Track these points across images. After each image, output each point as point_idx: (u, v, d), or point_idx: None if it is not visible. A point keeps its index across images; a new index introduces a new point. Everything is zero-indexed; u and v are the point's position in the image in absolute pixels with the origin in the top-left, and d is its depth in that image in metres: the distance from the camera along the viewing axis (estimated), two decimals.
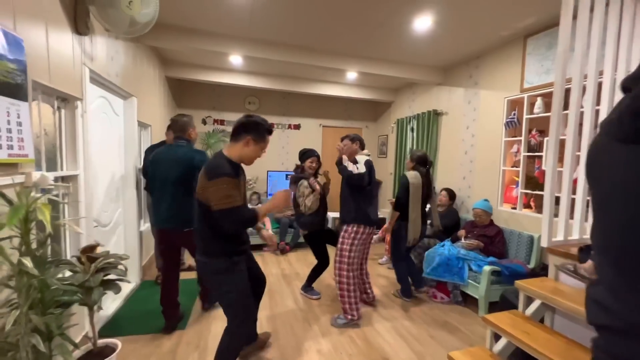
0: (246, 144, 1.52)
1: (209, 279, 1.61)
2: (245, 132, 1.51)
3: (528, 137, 2.94)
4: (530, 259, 2.79)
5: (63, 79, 1.72)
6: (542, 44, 2.78)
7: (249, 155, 1.55)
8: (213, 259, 1.54)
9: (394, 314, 2.69)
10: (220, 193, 1.40)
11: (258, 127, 1.53)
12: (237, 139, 1.52)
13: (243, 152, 1.53)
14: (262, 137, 1.55)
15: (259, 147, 1.56)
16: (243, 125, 1.52)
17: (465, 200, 3.71)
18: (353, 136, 2.61)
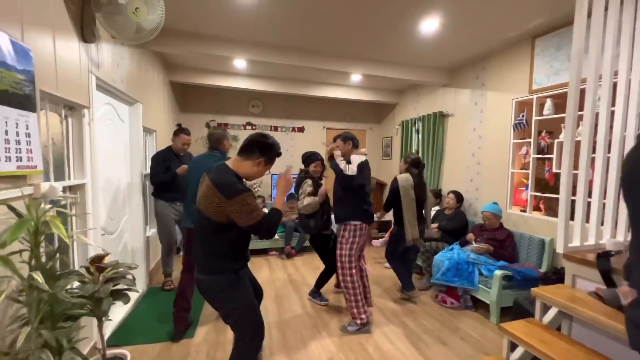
0: (257, 164, 1.50)
1: (213, 297, 1.52)
2: (260, 153, 1.49)
3: (538, 139, 2.90)
4: (541, 263, 2.75)
5: (70, 88, 1.70)
6: (551, 45, 2.75)
7: (256, 175, 1.53)
8: (216, 276, 1.47)
9: (404, 319, 2.65)
10: (247, 210, 1.37)
11: (272, 149, 1.53)
12: (249, 157, 1.49)
13: (252, 170, 1.50)
14: (272, 159, 1.55)
15: (267, 168, 1.55)
16: (259, 145, 1.49)
17: (473, 203, 3.67)
18: (345, 135, 2.58)
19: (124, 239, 2.68)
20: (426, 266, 3.31)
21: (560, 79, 2.67)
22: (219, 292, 1.49)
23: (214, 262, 1.48)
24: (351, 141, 2.58)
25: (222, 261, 1.47)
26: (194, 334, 2.35)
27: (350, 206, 2.47)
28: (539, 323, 1.71)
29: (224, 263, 1.48)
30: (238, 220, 1.38)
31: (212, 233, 1.45)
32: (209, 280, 1.48)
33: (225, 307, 1.53)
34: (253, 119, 5.37)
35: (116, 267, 1.70)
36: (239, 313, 1.52)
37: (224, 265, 1.48)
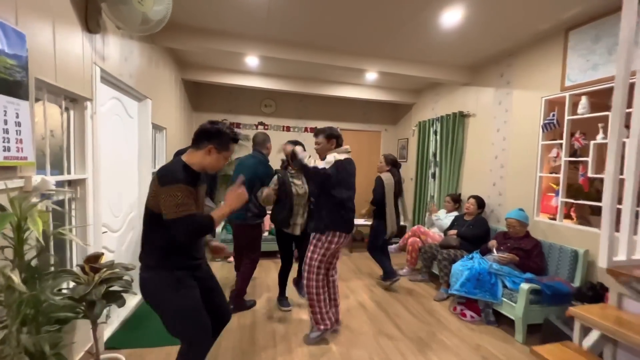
0: (208, 152, 1.39)
1: (149, 297, 1.39)
2: (208, 140, 1.39)
3: (571, 140, 2.65)
4: (574, 277, 2.49)
5: (71, 78, 1.63)
6: (588, 37, 2.50)
7: (212, 165, 1.42)
8: (152, 272, 1.36)
9: (421, 335, 2.45)
10: (173, 201, 1.26)
11: (221, 135, 1.40)
12: (199, 147, 1.40)
13: (205, 160, 1.40)
14: (225, 146, 1.42)
15: (222, 156, 1.43)
16: (205, 133, 1.40)
17: (496, 209, 3.43)
18: (328, 132, 2.24)
19: (129, 237, 2.62)
20: (443, 275, 3.09)
21: (598, 74, 2.42)
22: (152, 291, 1.37)
23: (151, 256, 1.38)
24: (335, 140, 2.24)
25: (159, 255, 1.36)
26: None
27: (328, 214, 2.14)
28: (578, 348, 1.49)
29: (160, 257, 1.36)
30: (163, 210, 1.27)
31: (148, 224, 1.36)
32: (145, 278, 1.37)
33: (159, 308, 1.38)
34: (265, 118, 5.29)
35: (112, 268, 1.61)
36: (176, 318, 1.37)
37: (161, 260, 1.36)
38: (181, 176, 1.31)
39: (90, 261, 1.56)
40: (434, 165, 4.44)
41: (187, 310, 1.37)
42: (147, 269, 1.38)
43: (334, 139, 2.23)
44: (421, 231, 3.72)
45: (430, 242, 3.55)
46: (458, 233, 3.33)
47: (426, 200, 4.62)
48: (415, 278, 3.58)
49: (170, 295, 1.35)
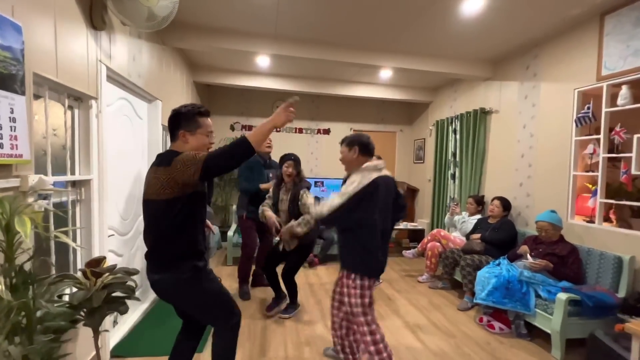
0: (183, 138, 1.34)
1: (174, 295, 1.37)
2: (176, 129, 1.34)
3: (610, 135, 2.40)
4: (618, 287, 2.23)
5: (75, 76, 1.58)
6: (627, 21, 2.27)
7: (195, 149, 1.33)
8: (173, 271, 1.30)
9: (442, 345, 2.26)
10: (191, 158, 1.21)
11: (182, 116, 1.34)
12: (175, 138, 1.36)
13: (186, 147, 1.33)
14: (193, 123, 1.34)
15: (199, 134, 1.35)
16: (170, 122, 1.36)
17: (523, 211, 3.18)
18: (350, 138, 1.80)
19: (138, 240, 2.56)
20: (467, 282, 2.87)
21: None
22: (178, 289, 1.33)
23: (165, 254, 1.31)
24: (357, 147, 1.75)
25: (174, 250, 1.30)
26: (203, 349, 2.13)
27: (353, 252, 1.69)
28: None
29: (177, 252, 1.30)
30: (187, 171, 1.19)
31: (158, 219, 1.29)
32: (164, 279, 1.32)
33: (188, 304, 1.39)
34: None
35: (114, 273, 1.53)
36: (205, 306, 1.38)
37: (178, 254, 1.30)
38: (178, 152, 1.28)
39: (91, 265, 1.48)
40: (454, 166, 4.22)
41: (218, 294, 1.40)
42: (165, 268, 1.31)
43: (356, 147, 1.75)
44: (441, 235, 3.50)
45: (451, 247, 3.33)
46: (482, 237, 3.10)
47: (445, 202, 4.39)
48: (436, 285, 3.36)
49: (199, 287, 1.34)
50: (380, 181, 1.65)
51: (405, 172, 5.62)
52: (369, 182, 1.62)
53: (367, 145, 1.77)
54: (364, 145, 1.75)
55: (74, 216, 1.72)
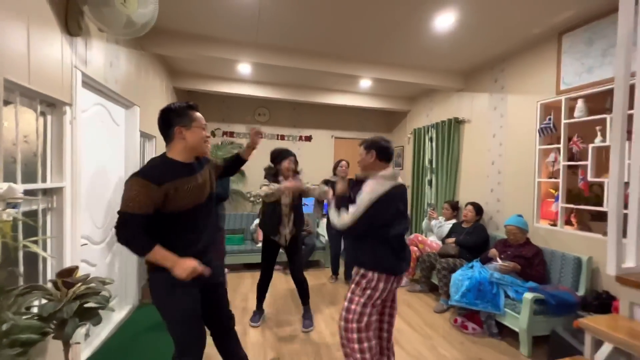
0: (180, 135, 1.32)
1: (152, 298, 1.37)
2: (170, 126, 1.33)
3: (569, 145, 2.60)
4: (578, 285, 2.39)
5: (48, 81, 1.55)
6: (581, 41, 2.49)
7: (194, 142, 1.35)
8: (151, 273, 1.33)
9: (419, 347, 2.33)
10: (127, 194, 1.22)
11: (173, 112, 1.33)
12: (170, 138, 1.34)
13: (184, 145, 1.34)
14: (187, 117, 1.33)
15: (195, 129, 1.35)
16: (162, 122, 1.35)
17: (494, 216, 3.35)
18: (369, 141, 1.73)
19: (113, 250, 2.49)
20: (443, 285, 2.98)
21: (593, 77, 2.39)
22: (152, 291, 1.35)
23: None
24: (375, 151, 1.68)
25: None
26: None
27: (371, 250, 1.63)
28: None
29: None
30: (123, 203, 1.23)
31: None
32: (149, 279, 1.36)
33: (159, 308, 1.35)
34: (259, 127, 5.22)
35: (87, 282, 1.49)
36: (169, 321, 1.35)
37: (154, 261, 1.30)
38: (147, 170, 1.26)
39: (62, 275, 1.44)
40: (430, 173, 4.38)
41: (179, 315, 1.34)
42: (148, 270, 1.35)
43: (374, 150, 1.68)
44: (419, 240, 3.62)
45: (428, 251, 3.45)
46: (456, 241, 3.23)
47: (423, 207, 4.54)
48: (414, 289, 3.46)
49: (165, 298, 1.33)
50: (395, 191, 1.63)
51: None
52: (385, 191, 1.59)
53: (386, 149, 1.70)
54: (382, 149, 1.69)
55: (44, 225, 1.67)
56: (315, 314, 2.75)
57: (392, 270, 1.64)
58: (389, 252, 1.63)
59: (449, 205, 3.70)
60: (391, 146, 1.74)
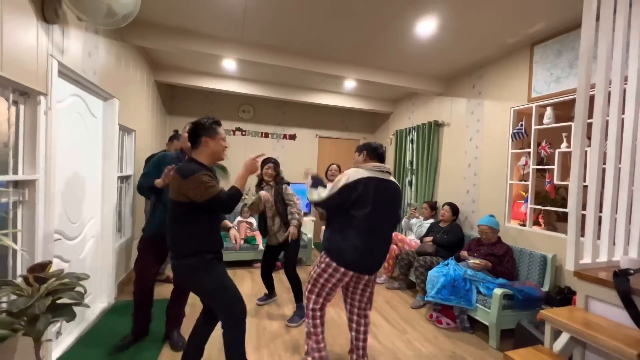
0: (205, 144, 1.63)
1: (188, 280, 1.62)
2: (199, 136, 1.63)
3: (538, 149, 2.76)
4: (543, 281, 2.55)
5: (21, 70, 1.49)
6: (551, 52, 2.65)
7: (215, 151, 1.66)
8: (187, 258, 1.57)
9: (395, 341, 2.41)
10: (203, 186, 1.50)
11: (202, 125, 1.63)
12: (197, 145, 1.64)
13: (207, 152, 1.64)
14: (214, 131, 1.65)
15: (218, 140, 1.66)
16: (193, 132, 1.65)
17: (470, 216, 3.50)
18: (361, 145, 2.03)
19: (88, 245, 2.42)
20: (420, 282, 3.09)
21: (561, 87, 2.56)
22: (190, 274, 1.58)
23: (182, 245, 1.58)
24: (365, 152, 1.96)
25: (190, 243, 1.57)
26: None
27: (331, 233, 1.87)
28: (549, 351, 1.50)
29: (192, 245, 1.57)
30: (195, 197, 1.50)
31: (179, 216, 1.57)
32: (180, 264, 1.59)
33: (200, 287, 1.61)
34: (243, 124, 5.19)
35: (61, 278, 1.46)
36: (215, 292, 1.60)
37: (192, 247, 1.57)
38: (197, 167, 1.56)
39: (35, 270, 1.40)
40: (411, 173, 4.51)
41: (222, 286, 1.61)
42: (180, 256, 1.58)
43: (365, 151, 1.95)
44: (398, 238, 3.72)
45: (407, 249, 3.55)
46: (434, 240, 3.35)
47: (403, 208, 4.66)
48: (393, 286, 3.55)
49: (206, 276, 1.58)
50: (367, 180, 1.78)
51: None
52: (355, 179, 1.78)
53: (375, 149, 1.96)
54: (372, 149, 1.96)
55: (15, 218, 1.61)
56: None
57: (344, 263, 1.79)
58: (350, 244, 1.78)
59: (428, 205, 3.82)
60: (381, 147, 1.99)
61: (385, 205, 1.82)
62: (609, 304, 1.44)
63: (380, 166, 1.87)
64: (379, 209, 1.79)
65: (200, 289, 1.62)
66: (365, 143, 2.02)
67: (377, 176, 1.82)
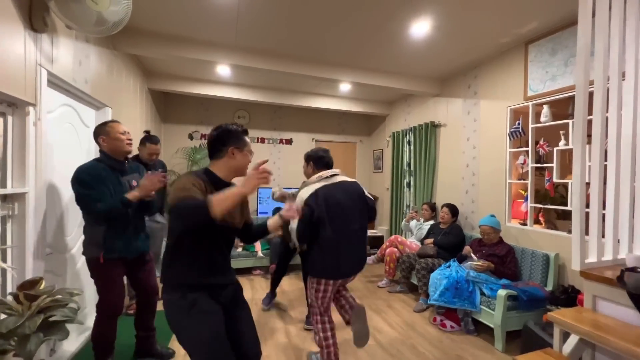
0: (232, 155, 1.33)
1: (168, 322, 1.26)
2: (224, 145, 1.33)
3: (536, 148, 2.75)
4: (547, 281, 2.53)
5: (8, 80, 1.45)
6: (545, 51, 2.65)
7: (240, 166, 1.36)
8: (168, 294, 1.27)
9: (399, 347, 2.36)
10: (177, 189, 1.17)
11: (231, 134, 1.34)
12: (220, 155, 1.34)
13: (232, 164, 1.34)
14: (242, 141, 1.36)
15: (245, 153, 1.37)
16: (217, 139, 1.34)
17: (470, 216, 3.48)
18: (307, 154, 2.02)
19: (82, 259, 2.34)
20: (422, 285, 3.05)
21: (557, 85, 2.56)
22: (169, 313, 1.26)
23: (166, 275, 1.29)
24: (312, 162, 1.96)
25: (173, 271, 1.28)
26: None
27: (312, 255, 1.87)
28: (559, 354, 1.47)
29: (174, 274, 1.27)
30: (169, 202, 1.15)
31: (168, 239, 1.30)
32: (164, 301, 1.28)
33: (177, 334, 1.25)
34: None
35: (53, 295, 1.40)
36: (189, 346, 1.23)
37: (174, 277, 1.27)
38: (192, 174, 1.28)
39: (25, 287, 1.34)
40: (409, 175, 4.50)
41: (201, 340, 1.21)
42: (165, 290, 1.29)
43: (311, 162, 1.97)
44: (399, 241, 3.69)
45: (408, 252, 3.52)
46: (434, 241, 3.32)
47: (402, 209, 4.63)
48: (394, 289, 3.51)
49: (183, 321, 1.23)
50: (321, 190, 1.79)
51: (365, 181, 5.84)
52: (309, 195, 1.78)
53: (321, 158, 1.94)
54: (318, 158, 1.94)
55: (4, 234, 1.55)
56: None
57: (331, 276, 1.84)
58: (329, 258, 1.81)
59: (428, 207, 3.80)
60: (326, 155, 1.98)
61: (346, 206, 1.84)
62: (617, 304, 1.41)
63: (323, 174, 1.88)
64: (341, 214, 1.81)
65: (178, 335, 1.25)
66: (311, 153, 2.00)
67: (324, 184, 1.84)
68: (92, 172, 1.72)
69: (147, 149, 2.73)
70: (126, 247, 1.80)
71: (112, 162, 1.82)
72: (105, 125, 1.84)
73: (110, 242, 1.74)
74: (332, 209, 1.79)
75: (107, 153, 1.83)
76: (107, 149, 1.82)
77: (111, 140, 1.81)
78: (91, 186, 1.69)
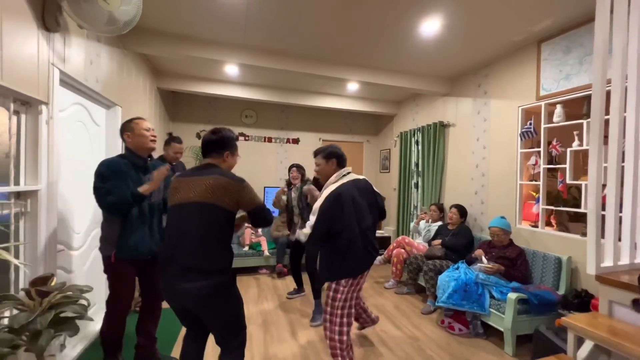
0: (226, 158, 1.57)
1: (217, 304, 1.40)
2: (222, 149, 1.56)
3: (548, 148, 2.69)
4: (559, 285, 2.47)
5: (22, 79, 1.47)
6: (559, 49, 2.59)
7: (230, 166, 1.61)
8: (221, 276, 1.41)
9: (407, 349, 2.34)
10: (252, 191, 1.52)
11: (230, 140, 1.59)
12: (217, 157, 1.56)
13: (223, 166, 1.57)
14: (235, 147, 1.62)
15: (235, 157, 1.63)
16: (216, 144, 1.56)
17: (479, 218, 3.42)
18: (329, 150, 1.94)
19: (92, 255, 2.38)
20: (429, 287, 3.01)
21: (571, 84, 2.50)
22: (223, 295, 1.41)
23: (217, 259, 1.40)
24: (335, 160, 1.93)
25: (226, 256, 1.45)
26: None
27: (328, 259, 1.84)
28: None
29: (227, 258, 1.45)
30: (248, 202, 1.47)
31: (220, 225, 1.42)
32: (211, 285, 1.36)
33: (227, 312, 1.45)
34: (246, 129, 5.16)
35: (64, 291, 1.42)
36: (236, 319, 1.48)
37: (227, 261, 1.45)
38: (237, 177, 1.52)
39: (36, 284, 1.36)
40: (417, 175, 4.45)
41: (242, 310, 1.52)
42: (213, 274, 1.38)
43: (334, 159, 1.92)
44: (406, 242, 3.65)
45: (415, 253, 3.48)
46: (442, 243, 3.28)
47: (410, 210, 4.59)
48: (401, 291, 3.48)
49: (235, 299, 1.48)
50: (343, 189, 1.81)
51: (372, 182, 5.72)
52: (330, 193, 1.79)
53: (342, 156, 1.98)
54: (340, 156, 1.96)
55: (17, 231, 1.58)
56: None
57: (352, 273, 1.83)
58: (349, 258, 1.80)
59: (437, 207, 3.75)
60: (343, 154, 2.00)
61: (362, 204, 1.86)
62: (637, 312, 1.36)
63: (341, 172, 1.92)
64: (358, 211, 1.83)
65: (224, 312, 1.42)
66: (330, 149, 1.96)
67: (342, 182, 1.85)
68: (112, 166, 1.73)
69: (172, 148, 2.87)
70: (139, 248, 1.77)
71: (135, 159, 1.82)
72: (130, 122, 1.85)
73: (124, 242, 1.73)
74: (353, 207, 1.80)
75: (131, 149, 1.83)
76: (131, 145, 1.83)
77: (135, 137, 1.82)
78: (107, 179, 1.68)
